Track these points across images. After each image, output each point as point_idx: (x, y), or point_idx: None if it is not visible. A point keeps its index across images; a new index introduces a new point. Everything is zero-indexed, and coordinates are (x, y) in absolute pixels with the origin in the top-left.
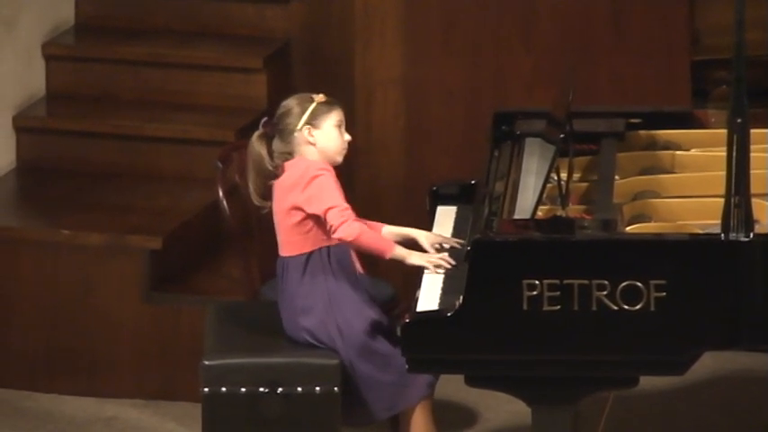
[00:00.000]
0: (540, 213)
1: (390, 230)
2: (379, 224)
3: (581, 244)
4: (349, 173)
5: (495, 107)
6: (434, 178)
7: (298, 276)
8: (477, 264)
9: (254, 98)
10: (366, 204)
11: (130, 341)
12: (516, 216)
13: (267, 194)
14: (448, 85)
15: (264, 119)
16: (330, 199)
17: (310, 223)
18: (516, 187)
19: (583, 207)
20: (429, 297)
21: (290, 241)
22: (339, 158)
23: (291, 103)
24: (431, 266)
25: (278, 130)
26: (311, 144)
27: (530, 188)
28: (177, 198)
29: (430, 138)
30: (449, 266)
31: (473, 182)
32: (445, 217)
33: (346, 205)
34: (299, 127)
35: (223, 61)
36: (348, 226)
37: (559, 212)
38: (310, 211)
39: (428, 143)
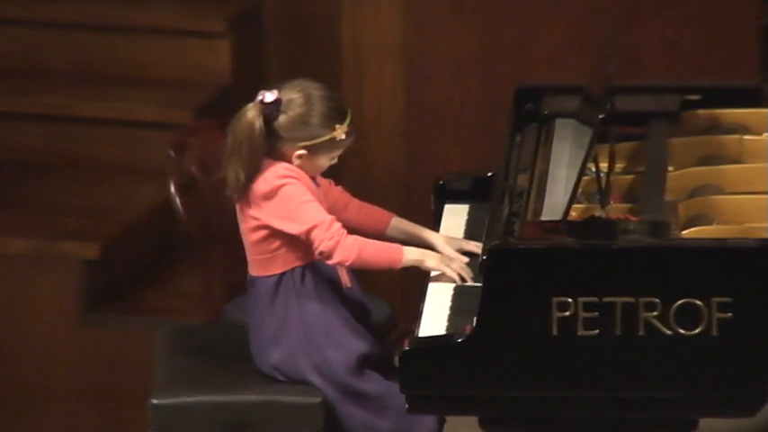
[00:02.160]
0: (573, 214)
1: (400, 227)
2: (387, 214)
3: (625, 252)
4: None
5: (516, 81)
6: (441, 170)
7: (267, 300)
8: (494, 277)
9: (215, 70)
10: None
11: (63, 373)
12: (544, 217)
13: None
14: (458, 54)
15: (271, 96)
16: (307, 214)
17: (277, 242)
18: (544, 181)
19: (627, 206)
20: (435, 318)
21: (257, 260)
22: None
23: (313, 110)
24: (454, 274)
25: (275, 121)
26: (293, 162)
27: (561, 182)
28: (120, 195)
29: (436, 119)
30: (469, 276)
31: (489, 174)
32: (454, 218)
33: (329, 216)
34: (298, 145)
35: (177, 24)
36: (343, 247)
37: (598, 213)
38: (278, 227)
39: (433, 126)
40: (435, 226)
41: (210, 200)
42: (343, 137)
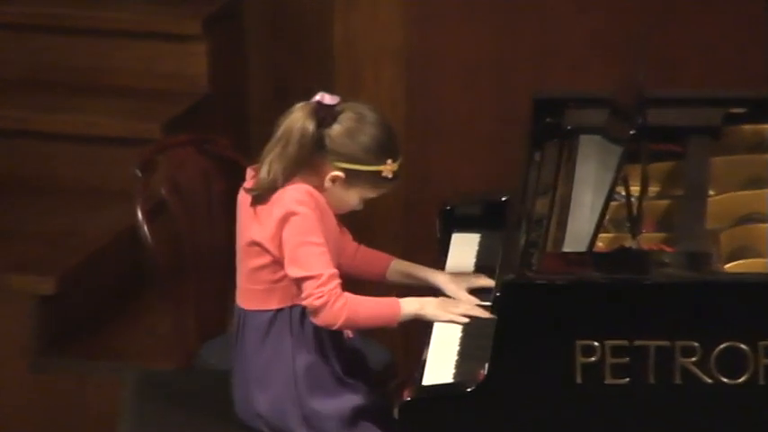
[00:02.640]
0: (600, 244)
1: (400, 269)
2: (386, 257)
3: (659, 289)
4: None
5: (535, 90)
6: (447, 192)
7: (257, 338)
8: (509, 316)
9: (189, 77)
10: (348, 230)
11: (14, 426)
12: (566, 248)
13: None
14: (468, 58)
15: (331, 99)
16: (306, 259)
17: (281, 272)
18: (566, 206)
19: (662, 235)
20: (441, 364)
21: (251, 290)
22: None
23: (367, 130)
24: (460, 320)
25: (326, 128)
26: (324, 184)
27: (585, 208)
28: (80, 221)
29: (441, 134)
30: (486, 316)
31: (503, 198)
32: (463, 249)
33: (330, 270)
34: (338, 164)
35: (145, 25)
36: (330, 310)
37: (629, 243)
38: (276, 255)
39: (439, 141)
40: (441, 258)
41: (183, 226)
42: (389, 176)
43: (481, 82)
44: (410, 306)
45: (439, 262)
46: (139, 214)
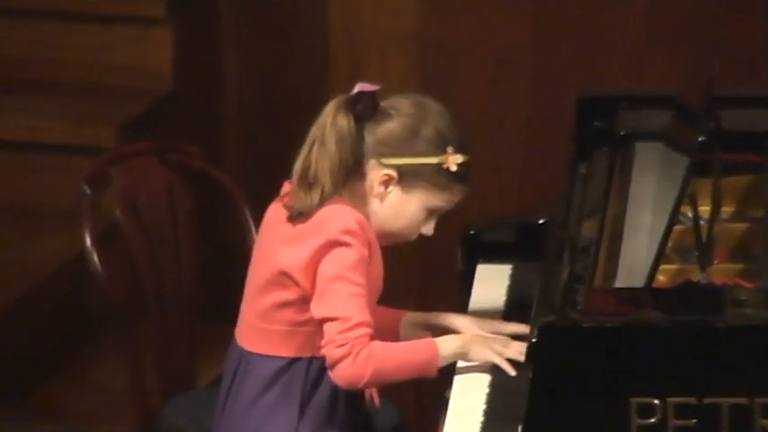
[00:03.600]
0: (661, 278)
1: (413, 321)
2: (398, 312)
3: (735, 333)
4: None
5: (580, 88)
6: (471, 214)
7: (258, 388)
8: (547, 368)
9: (150, 70)
10: None
11: None
12: (619, 283)
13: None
14: (499, 48)
15: (370, 87)
16: (337, 299)
17: (309, 313)
18: (619, 231)
19: (738, 266)
20: (463, 427)
21: (265, 330)
22: (384, 242)
23: (427, 120)
24: (502, 363)
25: (367, 121)
26: (374, 196)
27: (643, 233)
28: (15, 248)
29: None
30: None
31: (541, 221)
32: (490, 284)
33: (363, 318)
34: (388, 161)
35: (97, 6)
36: (352, 365)
37: (697, 276)
38: (306, 290)
39: None
40: (463, 295)
41: (142, 255)
42: (453, 168)
43: (513, 76)
44: (449, 346)
45: (460, 301)
46: (88, 240)
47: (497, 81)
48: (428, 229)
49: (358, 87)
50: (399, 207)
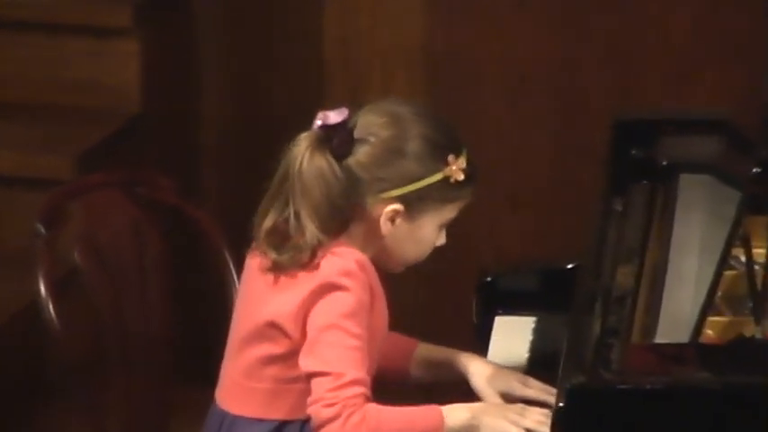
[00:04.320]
0: (710, 332)
1: (426, 357)
2: (410, 342)
3: None
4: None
5: (613, 110)
6: (487, 256)
7: None
8: None
9: (115, 90)
10: None
11: None
12: (661, 338)
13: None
14: (517, 64)
15: (336, 116)
16: (329, 349)
17: (298, 369)
18: (661, 278)
19: None
20: None
21: (250, 389)
22: (401, 269)
23: (409, 134)
24: None
25: (348, 157)
26: (381, 234)
27: (688, 280)
28: None
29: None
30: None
31: (570, 266)
32: (510, 339)
33: (355, 373)
34: (390, 194)
35: (54, 14)
36: (341, 429)
37: (751, 330)
38: (300, 343)
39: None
40: (479, 351)
41: (105, 304)
42: (461, 177)
43: (536, 96)
44: (457, 416)
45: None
46: (42, 287)
47: (517, 102)
48: (441, 240)
49: (321, 119)
50: (411, 237)
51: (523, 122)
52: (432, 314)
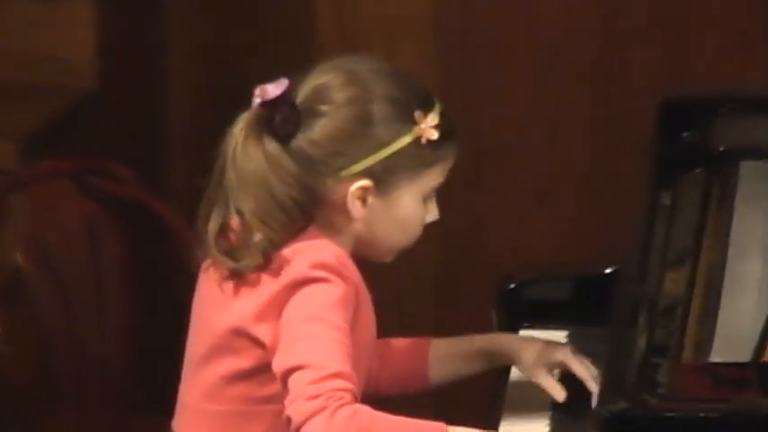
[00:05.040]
0: None
1: (450, 350)
2: (420, 340)
3: None
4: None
5: (662, 87)
6: (508, 259)
7: None
8: None
9: (66, 62)
10: None
11: None
12: (718, 356)
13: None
14: (545, 37)
15: (275, 89)
16: (309, 342)
17: (271, 386)
18: (718, 284)
19: None
20: None
21: (214, 413)
22: (391, 257)
23: (370, 95)
24: None
25: (294, 137)
26: (351, 220)
27: (750, 287)
28: None
29: (496, 156)
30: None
31: (608, 270)
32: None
33: (339, 366)
34: (353, 170)
35: None
36: (328, 424)
37: None
38: (272, 350)
39: (492, 169)
40: (498, 372)
41: (53, 316)
42: (434, 135)
43: (569, 73)
44: None
45: (493, 380)
46: None
47: (546, 80)
48: (432, 214)
49: (260, 95)
50: (391, 216)
51: (553, 104)
52: (444, 329)
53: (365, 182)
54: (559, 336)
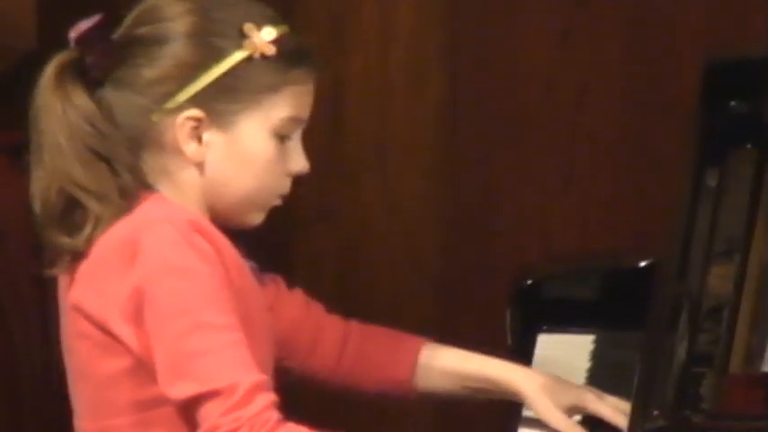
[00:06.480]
0: None
1: (445, 362)
2: (411, 338)
3: None
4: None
5: (702, 49)
6: (526, 254)
7: None
8: None
9: (2, 18)
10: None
11: None
12: None
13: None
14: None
15: (87, 23)
16: (201, 360)
17: (150, 389)
18: None
19: None
20: None
21: (108, 428)
22: (259, 217)
23: (194, 10)
24: None
25: (111, 74)
26: (188, 162)
27: None
28: None
29: (518, 124)
30: None
31: (643, 264)
32: (558, 364)
33: (251, 377)
34: (177, 100)
35: None
36: None
37: None
38: (141, 349)
39: (505, 154)
40: None
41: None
42: (270, 51)
43: (599, 30)
44: None
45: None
46: None
47: (572, 39)
48: (298, 163)
49: (74, 32)
50: (235, 154)
51: (580, 68)
52: (451, 331)
53: (194, 111)
54: (585, 340)
